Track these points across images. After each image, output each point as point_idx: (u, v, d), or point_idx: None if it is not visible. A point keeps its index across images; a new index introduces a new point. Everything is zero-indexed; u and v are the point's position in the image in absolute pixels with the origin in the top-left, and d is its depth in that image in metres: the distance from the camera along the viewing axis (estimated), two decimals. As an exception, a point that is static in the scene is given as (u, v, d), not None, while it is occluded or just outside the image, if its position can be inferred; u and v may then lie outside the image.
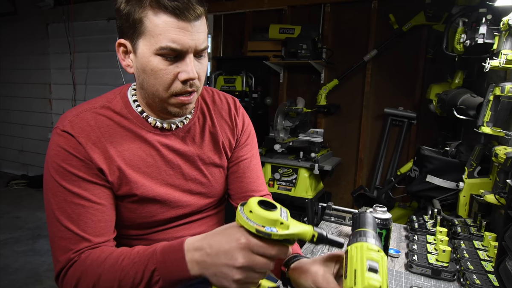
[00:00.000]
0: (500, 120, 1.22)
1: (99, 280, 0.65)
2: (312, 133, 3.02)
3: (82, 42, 4.02)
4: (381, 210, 0.84)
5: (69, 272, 0.68)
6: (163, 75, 0.71)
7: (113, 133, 0.76)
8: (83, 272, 0.67)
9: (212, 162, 0.88)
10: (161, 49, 0.69)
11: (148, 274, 0.62)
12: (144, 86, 0.75)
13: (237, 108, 0.94)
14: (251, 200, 0.54)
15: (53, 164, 0.72)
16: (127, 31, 0.72)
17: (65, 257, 0.69)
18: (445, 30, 1.91)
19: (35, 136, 4.61)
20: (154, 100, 0.77)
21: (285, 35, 2.98)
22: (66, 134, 0.72)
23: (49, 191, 0.72)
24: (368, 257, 0.50)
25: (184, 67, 0.71)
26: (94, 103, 0.79)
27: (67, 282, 0.68)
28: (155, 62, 0.71)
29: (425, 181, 1.73)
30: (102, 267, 0.65)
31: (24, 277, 2.31)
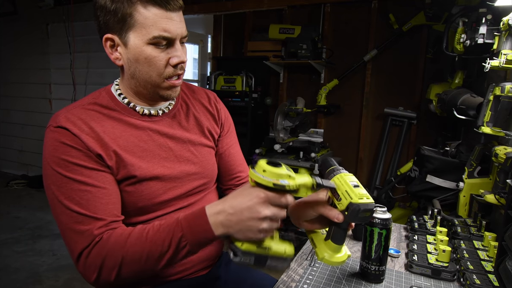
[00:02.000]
0: (500, 120, 1.22)
1: (127, 255, 0.69)
2: (312, 133, 3.02)
3: (82, 42, 4.02)
4: (381, 210, 0.84)
5: (93, 252, 0.70)
6: (157, 62, 0.78)
7: (104, 124, 0.81)
8: (109, 251, 0.69)
9: (200, 143, 0.95)
10: (154, 38, 0.76)
11: (176, 241, 0.67)
12: (136, 75, 0.81)
13: (217, 99, 1.03)
14: (261, 161, 0.64)
15: (53, 158, 0.74)
16: (115, 25, 0.77)
17: (82, 240, 0.71)
18: (445, 30, 1.91)
19: (35, 136, 4.61)
20: (146, 87, 0.82)
21: (285, 35, 2.98)
22: (60, 129, 0.76)
23: (52, 185, 0.74)
24: (349, 179, 0.68)
25: (174, 52, 0.79)
26: (81, 102, 0.84)
27: (91, 262, 0.70)
28: (148, 51, 0.77)
29: (425, 181, 1.73)
30: (128, 242, 0.69)
31: (24, 277, 2.31)
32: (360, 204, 0.65)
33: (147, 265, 0.69)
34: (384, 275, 0.87)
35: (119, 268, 0.69)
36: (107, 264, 0.69)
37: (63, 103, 4.31)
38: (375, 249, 0.84)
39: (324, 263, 0.74)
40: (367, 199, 0.65)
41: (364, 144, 3.06)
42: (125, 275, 0.70)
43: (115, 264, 0.69)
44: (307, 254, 0.90)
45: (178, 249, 0.68)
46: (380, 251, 0.84)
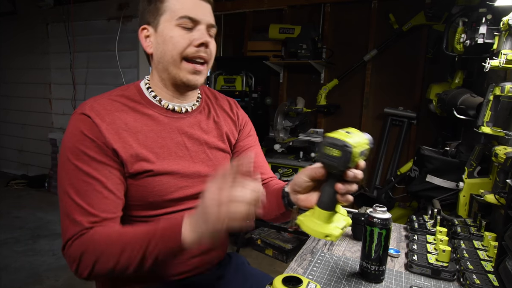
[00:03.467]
0: (500, 120, 1.22)
1: (102, 254, 0.71)
2: (312, 133, 3.02)
3: (82, 42, 4.02)
4: (381, 210, 0.84)
5: (75, 244, 0.73)
6: (180, 40, 0.82)
7: (127, 116, 0.83)
8: (88, 246, 0.72)
9: (216, 146, 0.95)
10: (180, 18, 0.81)
11: (144, 246, 0.68)
12: (162, 57, 0.84)
13: (237, 106, 1.06)
14: (276, 279, 0.60)
15: (68, 144, 0.78)
16: (150, 15, 0.85)
17: (72, 228, 0.74)
18: (445, 30, 1.91)
19: (35, 136, 4.61)
20: (168, 70, 0.85)
21: (285, 35, 2.98)
22: (83, 116, 0.79)
23: (62, 169, 0.78)
24: (346, 129, 0.62)
25: (198, 34, 0.83)
26: (110, 93, 0.87)
27: (71, 252, 0.73)
28: (174, 31, 0.82)
29: (425, 181, 1.73)
30: (107, 241, 0.72)
31: (24, 277, 2.31)
32: (327, 136, 0.56)
33: (117, 267, 0.71)
34: (384, 275, 0.86)
35: (93, 265, 0.71)
36: (84, 259, 0.71)
37: (63, 103, 4.33)
38: (375, 249, 0.84)
39: (305, 231, 0.64)
40: (343, 136, 0.56)
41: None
42: (99, 272, 0.72)
43: (90, 261, 0.71)
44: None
45: (145, 256, 0.69)
46: (380, 251, 0.83)
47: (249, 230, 0.63)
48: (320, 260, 0.96)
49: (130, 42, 3.70)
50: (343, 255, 1.00)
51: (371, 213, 0.85)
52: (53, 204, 3.75)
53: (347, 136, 0.56)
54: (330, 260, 0.96)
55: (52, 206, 3.68)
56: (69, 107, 4.21)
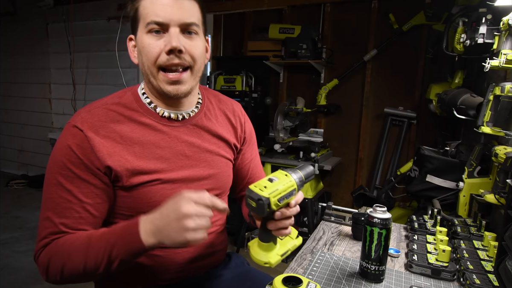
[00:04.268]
0: (500, 120, 1.22)
1: (68, 260, 0.72)
2: (312, 133, 3.02)
3: (82, 42, 4.02)
4: (381, 209, 0.84)
5: (42, 253, 0.75)
6: (151, 49, 0.77)
7: (123, 127, 0.80)
8: (54, 253, 0.74)
9: (218, 154, 0.93)
10: (148, 24, 0.77)
11: (108, 251, 0.70)
12: (143, 68, 0.81)
13: (242, 113, 1.03)
14: (276, 279, 0.64)
15: (55, 157, 0.77)
16: (132, 25, 0.82)
17: (42, 241, 0.76)
18: (445, 30, 1.90)
19: (35, 136, 4.61)
20: (149, 80, 0.81)
21: (285, 35, 2.98)
22: (75, 130, 0.76)
23: (46, 180, 0.78)
24: (273, 175, 0.67)
25: (168, 39, 0.77)
26: (107, 100, 0.83)
27: (41, 261, 0.75)
28: (145, 40, 0.78)
29: (425, 180, 1.73)
30: (71, 247, 0.73)
31: (24, 277, 2.31)
32: (248, 189, 0.64)
33: (86, 271, 0.72)
34: (384, 275, 0.87)
35: (62, 270, 0.73)
36: (52, 265, 0.73)
37: (63, 103, 4.33)
38: (375, 249, 0.84)
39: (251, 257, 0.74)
40: (260, 189, 0.63)
41: (364, 143, 3.06)
42: (69, 277, 0.73)
43: (58, 266, 0.73)
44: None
45: (111, 259, 0.70)
46: (380, 250, 0.84)
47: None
48: (320, 260, 0.96)
49: (130, 42, 3.69)
50: (343, 255, 1.00)
51: (371, 213, 0.85)
52: (53, 204, 3.74)
53: (266, 187, 0.63)
54: (330, 260, 0.96)
55: (52, 206, 3.68)
56: (69, 107, 4.21)
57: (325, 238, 1.12)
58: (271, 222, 0.69)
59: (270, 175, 0.67)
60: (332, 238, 1.12)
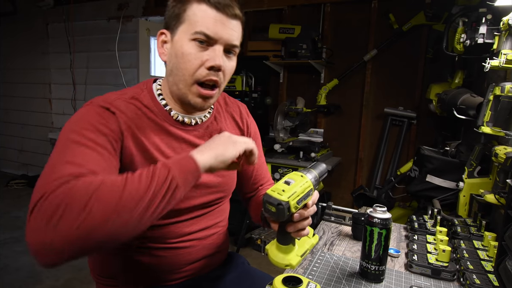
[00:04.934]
0: (500, 120, 1.22)
1: (95, 194, 0.54)
2: (312, 133, 3.02)
3: (82, 42, 4.02)
4: (381, 210, 0.84)
5: (49, 200, 0.54)
6: (192, 59, 0.77)
7: (142, 122, 0.79)
8: (66, 195, 0.54)
9: None
10: (196, 33, 0.75)
11: (166, 176, 0.61)
12: (173, 71, 0.80)
13: (248, 114, 1.04)
14: (276, 279, 0.64)
15: (79, 119, 0.71)
16: (171, 22, 0.79)
17: (49, 184, 0.57)
18: (445, 30, 1.90)
19: (35, 136, 4.61)
20: (178, 86, 0.80)
21: (285, 35, 2.98)
22: (103, 109, 0.74)
23: (59, 140, 0.68)
24: (289, 177, 0.68)
25: (212, 55, 0.77)
26: (123, 94, 0.81)
27: (44, 211, 0.53)
28: (187, 47, 0.77)
29: (425, 180, 1.73)
30: (100, 182, 0.56)
31: (24, 277, 2.31)
32: (265, 194, 0.64)
33: (118, 212, 0.54)
34: (384, 275, 0.87)
35: (84, 208, 0.52)
36: (68, 206, 0.52)
37: (63, 103, 4.32)
38: (375, 249, 0.84)
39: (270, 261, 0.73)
40: (278, 193, 0.63)
41: (364, 143, 3.06)
42: (93, 220, 0.52)
43: (76, 208, 0.52)
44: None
45: (171, 185, 0.60)
46: (380, 250, 0.84)
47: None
48: (320, 260, 0.96)
49: (130, 42, 3.69)
50: (343, 255, 1.00)
51: (371, 213, 0.85)
52: (53, 204, 3.75)
53: (284, 191, 0.63)
54: (330, 260, 0.96)
55: (52, 206, 3.68)
56: (69, 107, 4.21)
57: (325, 238, 1.12)
58: (290, 225, 0.69)
59: (285, 177, 0.67)
60: (332, 238, 1.12)
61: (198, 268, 0.92)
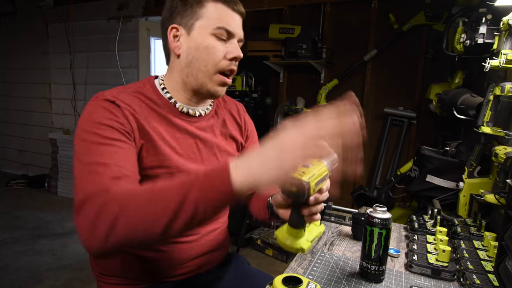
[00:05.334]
0: (500, 120, 1.22)
1: (125, 207, 0.59)
2: (312, 133, 3.01)
3: (82, 42, 4.02)
4: (381, 209, 0.84)
5: (91, 202, 0.61)
6: (215, 52, 0.84)
7: (146, 114, 0.83)
8: (106, 203, 0.60)
9: (226, 150, 0.96)
10: (218, 28, 0.83)
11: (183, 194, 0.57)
12: (193, 63, 0.85)
13: (244, 112, 1.08)
14: (276, 279, 0.64)
15: (90, 119, 0.73)
16: (184, 16, 0.84)
17: (89, 186, 0.63)
18: (445, 30, 1.91)
19: (35, 136, 4.61)
20: (197, 78, 0.85)
21: (285, 35, 2.98)
22: (109, 103, 0.77)
23: (82, 140, 0.71)
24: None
25: (232, 47, 0.85)
26: (126, 88, 0.85)
27: (86, 212, 0.61)
28: (210, 41, 0.83)
29: (425, 180, 1.73)
30: (131, 194, 0.61)
31: (24, 277, 2.31)
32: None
33: (144, 225, 0.58)
34: (384, 275, 0.87)
35: (112, 223, 0.58)
36: (102, 216, 0.59)
37: (63, 103, 4.32)
38: (375, 249, 0.84)
39: (280, 245, 0.71)
40: (299, 174, 0.62)
41: (364, 143, 3.05)
42: (119, 233, 0.58)
43: (108, 217, 0.58)
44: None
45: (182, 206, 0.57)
46: (380, 250, 0.84)
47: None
48: (320, 260, 0.96)
49: (130, 42, 3.70)
50: (343, 255, 1.00)
51: (371, 213, 0.85)
52: (53, 204, 3.75)
53: (304, 173, 0.63)
54: (330, 260, 0.96)
55: (52, 206, 3.68)
56: (69, 107, 4.22)
57: (325, 238, 1.12)
58: (305, 208, 0.70)
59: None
60: (332, 238, 1.12)
61: (200, 264, 0.93)
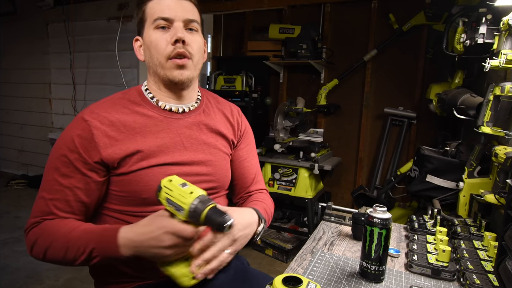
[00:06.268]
0: (500, 120, 1.22)
1: (51, 245, 0.79)
2: (312, 133, 3.02)
3: (82, 42, 4.02)
4: (381, 210, 0.84)
5: (32, 230, 0.82)
6: (159, 42, 0.86)
7: (126, 118, 0.87)
8: (41, 234, 0.81)
9: (216, 147, 0.97)
10: (155, 20, 0.86)
11: (88, 251, 0.76)
12: (150, 62, 0.90)
13: (240, 114, 1.08)
14: (276, 279, 0.64)
15: (58, 144, 0.84)
16: (139, 27, 0.92)
17: (33, 219, 0.83)
18: (445, 30, 1.90)
19: (35, 136, 4.61)
20: (157, 71, 0.89)
21: (285, 35, 2.98)
22: (81, 121, 0.84)
23: (46, 164, 0.85)
24: (176, 181, 0.73)
25: (173, 32, 0.86)
26: (113, 96, 0.92)
27: (29, 238, 0.82)
28: (153, 35, 0.87)
29: (425, 180, 1.73)
30: (55, 234, 0.79)
31: (24, 277, 2.31)
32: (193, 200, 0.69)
33: (65, 260, 0.79)
34: (384, 275, 0.87)
35: (45, 252, 0.80)
36: (38, 244, 0.80)
37: (63, 103, 4.32)
38: (375, 249, 0.84)
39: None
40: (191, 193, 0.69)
41: (364, 143, 3.06)
42: (51, 259, 0.81)
43: (42, 247, 0.80)
44: None
45: (90, 257, 0.77)
46: (380, 250, 0.84)
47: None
48: (320, 260, 0.96)
49: (130, 42, 3.63)
50: (343, 255, 1.00)
51: (371, 213, 0.85)
52: (53, 204, 3.74)
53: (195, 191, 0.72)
54: (330, 260, 0.96)
55: (52, 206, 3.68)
56: (69, 107, 4.21)
57: (325, 238, 1.12)
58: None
59: (175, 181, 0.73)
60: (332, 238, 1.12)
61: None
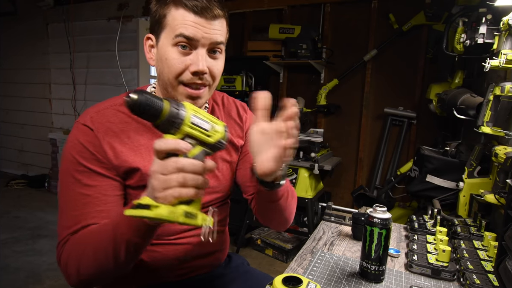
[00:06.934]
0: (500, 120, 1.22)
1: (82, 254, 0.71)
2: (312, 133, 3.01)
3: (82, 42, 4.02)
4: (381, 209, 0.84)
5: (63, 254, 0.74)
6: (175, 64, 0.76)
7: (130, 129, 0.81)
8: (71, 250, 0.73)
9: (222, 157, 0.94)
10: (176, 36, 0.75)
11: (113, 233, 0.67)
12: (161, 76, 0.80)
13: (246, 110, 1.02)
14: (276, 279, 0.63)
15: (68, 155, 0.77)
16: (154, 27, 0.80)
17: (62, 242, 0.75)
18: (445, 30, 1.90)
19: (35, 136, 4.61)
20: (167, 90, 0.81)
21: (285, 35, 2.98)
22: (85, 128, 0.78)
23: (61, 182, 0.78)
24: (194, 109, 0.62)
25: (195, 59, 0.76)
26: (115, 101, 0.84)
27: (62, 263, 0.74)
28: (170, 52, 0.76)
29: (425, 180, 1.73)
30: (84, 241, 0.72)
31: (24, 277, 2.31)
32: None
33: (98, 265, 0.69)
34: (384, 275, 0.87)
35: (78, 270, 0.70)
36: (69, 264, 0.72)
37: (63, 103, 4.33)
38: (375, 249, 0.84)
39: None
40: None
41: (364, 143, 3.06)
42: (86, 276, 0.71)
43: (74, 267, 0.71)
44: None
45: (117, 243, 0.66)
46: (380, 250, 0.84)
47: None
48: (320, 260, 0.96)
49: (130, 42, 3.70)
50: (343, 255, 1.00)
51: (371, 213, 0.85)
52: (53, 204, 3.74)
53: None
54: (330, 260, 0.96)
55: (52, 206, 3.68)
56: (69, 107, 4.22)
57: (325, 238, 1.12)
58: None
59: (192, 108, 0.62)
60: (332, 238, 1.12)
61: (197, 266, 0.92)
